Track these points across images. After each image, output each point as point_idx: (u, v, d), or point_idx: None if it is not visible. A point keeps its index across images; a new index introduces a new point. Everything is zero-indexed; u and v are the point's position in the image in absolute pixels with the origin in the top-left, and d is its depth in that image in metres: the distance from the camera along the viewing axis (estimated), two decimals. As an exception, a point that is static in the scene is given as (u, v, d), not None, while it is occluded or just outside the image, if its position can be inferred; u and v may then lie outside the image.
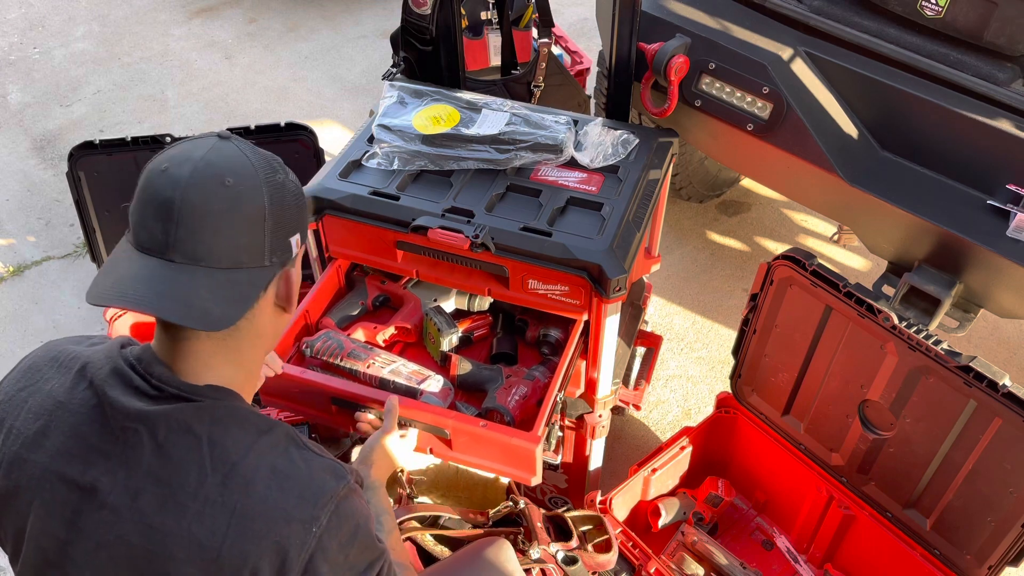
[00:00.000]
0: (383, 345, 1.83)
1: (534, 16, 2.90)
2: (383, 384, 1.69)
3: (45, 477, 0.98)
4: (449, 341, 1.79)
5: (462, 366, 1.73)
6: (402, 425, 1.58)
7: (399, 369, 1.70)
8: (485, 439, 1.55)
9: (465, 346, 1.85)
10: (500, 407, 1.65)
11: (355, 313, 1.87)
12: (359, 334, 1.82)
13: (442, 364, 1.80)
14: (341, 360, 1.71)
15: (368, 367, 1.69)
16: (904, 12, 1.99)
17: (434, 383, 1.67)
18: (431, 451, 1.64)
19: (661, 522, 2.03)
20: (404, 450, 1.55)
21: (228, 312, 0.97)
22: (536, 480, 1.60)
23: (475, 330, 1.86)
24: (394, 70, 2.21)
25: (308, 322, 1.82)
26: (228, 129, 2.41)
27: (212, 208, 0.95)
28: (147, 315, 1.01)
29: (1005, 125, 1.82)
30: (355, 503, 1.04)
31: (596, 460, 2.05)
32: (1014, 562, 1.65)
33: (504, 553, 1.55)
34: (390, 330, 1.83)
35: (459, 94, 1.91)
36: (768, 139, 2.11)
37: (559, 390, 1.64)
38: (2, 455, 1.01)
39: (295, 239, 1.05)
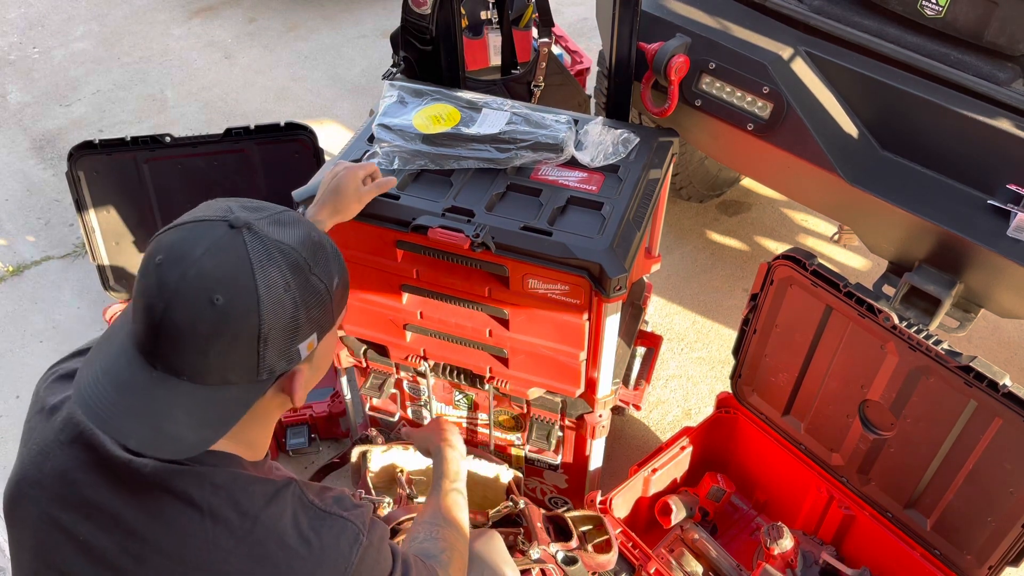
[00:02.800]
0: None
1: (534, 16, 2.90)
2: None
3: (42, 519, 0.95)
4: None
5: None
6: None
7: None
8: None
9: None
10: None
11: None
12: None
13: None
14: None
15: None
16: (904, 12, 1.99)
17: None
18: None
19: (674, 518, 2.03)
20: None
21: (205, 436, 0.89)
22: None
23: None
24: (394, 70, 2.20)
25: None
26: (228, 129, 2.43)
27: (196, 329, 0.85)
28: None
29: (1005, 125, 1.82)
30: (369, 564, 1.02)
31: (596, 460, 2.05)
32: (1014, 562, 1.65)
33: (493, 544, 1.55)
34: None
35: (459, 93, 1.91)
36: (768, 139, 2.11)
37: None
38: (12, 483, 0.99)
39: (305, 344, 0.94)
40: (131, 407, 0.87)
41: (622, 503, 2.00)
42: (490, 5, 2.69)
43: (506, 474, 1.92)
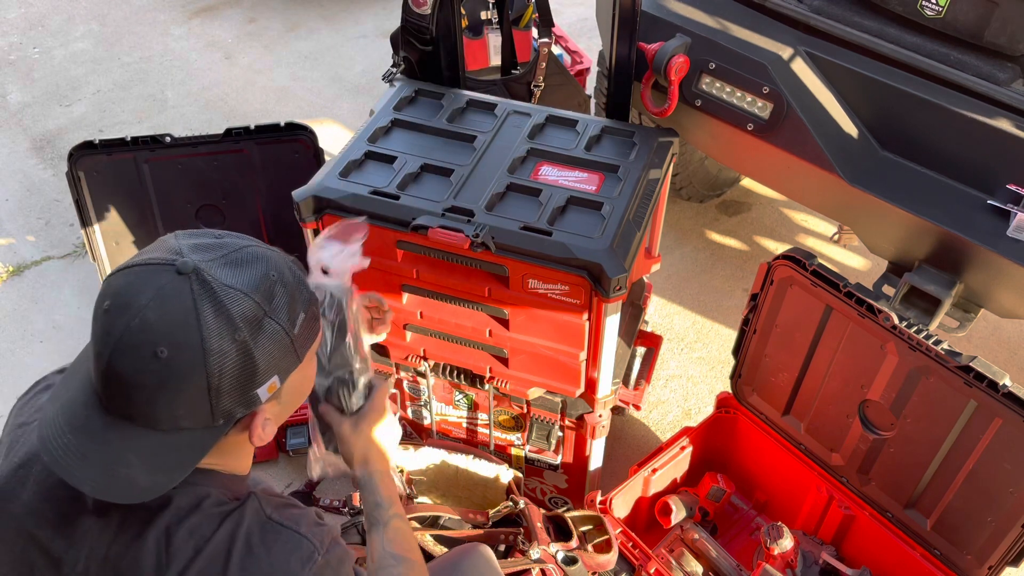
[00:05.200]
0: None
1: (534, 16, 2.90)
2: None
3: (20, 535, 0.95)
4: None
5: None
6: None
7: None
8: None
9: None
10: None
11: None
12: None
13: None
14: None
15: None
16: (904, 12, 1.99)
17: None
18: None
19: (674, 518, 2.03)
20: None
21: (159, 481, 0.88)
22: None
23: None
24: (394, 70, 2.20)
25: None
26: (228, 129, 2.43)
27: (139, 381, 0.84)
28: None
29: (1005, 125, 1.82)
30: None
31: (596, 460, 2.05)
32: (1014, 562, 1.65)
33: (481, 560, 1.50)
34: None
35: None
36: (768, 139, 2.11)
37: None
38: None
39: (265, 387, 0.90)
40: (85, 450, 0.86)
41: (622, 503, 2.00)
42: (490, 5, 2.69)
43: (506, 474, 1.92)
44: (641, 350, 2.24)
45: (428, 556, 1.64)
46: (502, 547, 1.74)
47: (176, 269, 0.85)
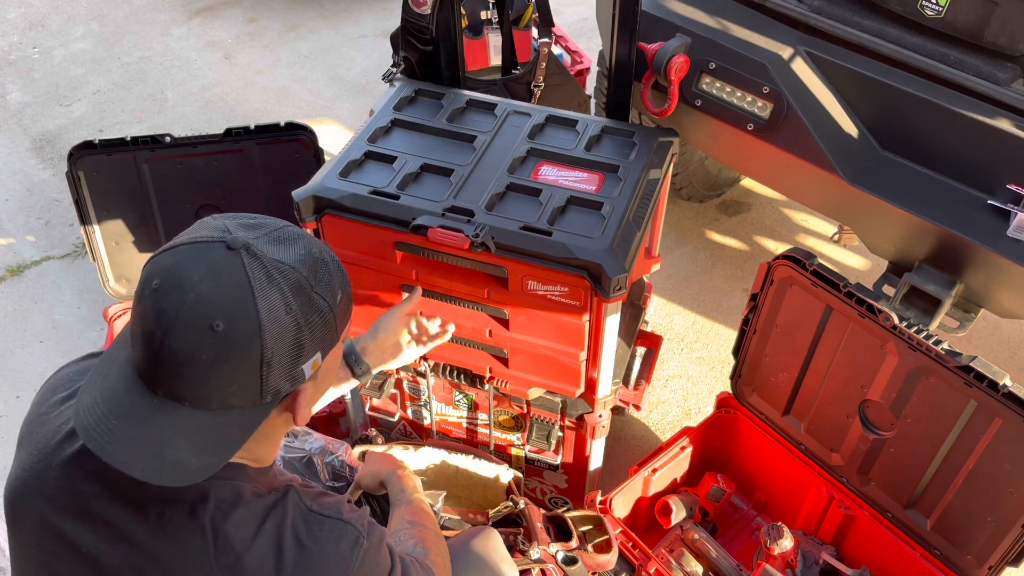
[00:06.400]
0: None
1: (534, 16, 2.90)
2: None
3: (45, 528, 0.95)
4: None
5: None
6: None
7: None
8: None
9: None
10: None
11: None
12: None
13: None
14: None
15: None
16: (904, 12, 1.99)
17: None
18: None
19: (674, 518, 2.03)
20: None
21: (209, 462, 0.88)
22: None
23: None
24: (394, 70, 2.20)
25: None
26: (228, 129, 2.43)
27: (197, 357, 0.84)
28: None
29: (1005, 125, 1.82)
30: (370, 565, 1.02)
31: (596, 460, 2.05)
32: (1014, 562, 1.65)
33: (492, 541, 1.54)
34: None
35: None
36: (768, 139, 2.11)
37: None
38: (13, 486, 0.98)
39: (309, 364, 0.92)
40: (132, 435, 0.86)
41: (622, 503, 2.00)
42: (490, 5, 2.69)
43: (506, 474, 1.92)
44: (641, 350, 2.24)
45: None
46: (502, 547, 1.74)
47: (227, 245, 0.86)
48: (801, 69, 2.05)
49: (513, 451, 2.11)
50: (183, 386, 0.86)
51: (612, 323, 1.70)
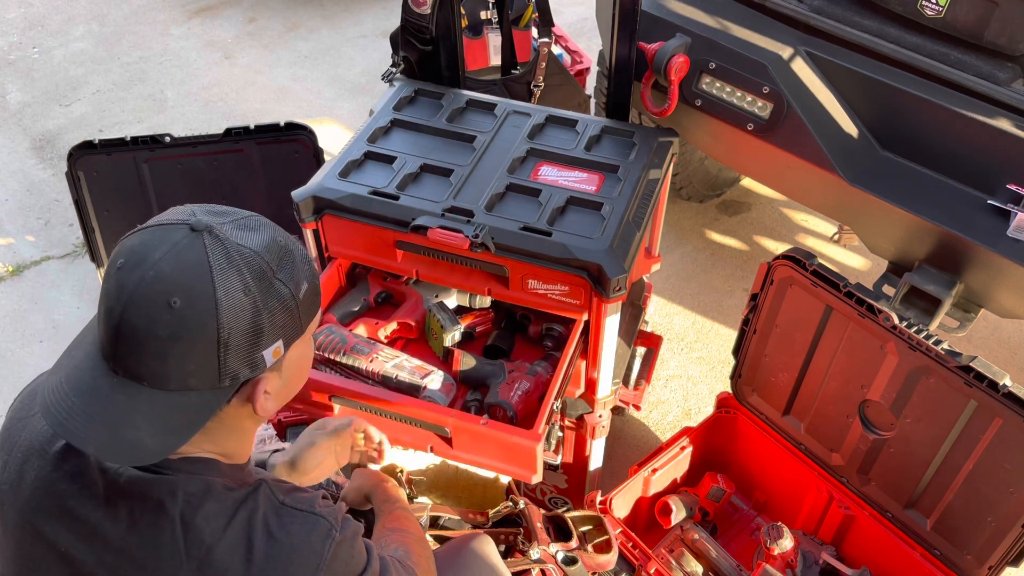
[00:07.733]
0: (385, 341, 1.83)
1: (534, 16, 2.90)
2: (386, 380, 1.69)
3: (25, 529, 0.95)
4: (452, 337, 1.79)
5: (465, 361, 1.73)
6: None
7: (402, 364, 1.69)
8: (485, 437, 1.55)
9: (467, 341, 1.85)
10: (503, 402, 1.65)
11: (356, 309, 1.87)
12: (361, 330, 1.82)
13: (444, 360, 1.80)
14: (344, 355, 1.70)
15: (371, 362, 1.69)
16: (904, 12, 1.99)
17: (436, 379, 1.67)
18: (432, 449, 1.63)
19: (674, 518, 2.03)
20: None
21: (165, 442, 0.89)
22: (537, 478, 1.60)
23: (477, 326, 1.86)
24: (394, 70, 2.20)
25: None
26: (228, 129, 2.43)
27: (153, 333, 0.85)
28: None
29: (1005, 125, 1.82)
30: (343, 559, 1.01)
31: (596, 460, 2.05)
32: (1014, 562, 1.65)
33: (485, 547, 1.53)
34: (392, 326, 1.83)
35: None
36: (768, 139, 2.11)
37: (559, 389, 1.64)
38: None
39: (270, 351, 0.92)
40: (91, 412, 0.87)
41: (622, 503, 2.00)
42: (490, 5, 2.69)
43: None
44: (641, 350, 2.24)
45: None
46: (502, 547, 1.74)
47: (191, 227, 0.88)
48: (801, 69, 2.05)
49: (513, 451, 2.11)
50: (142, 364, 0.87)
51: (612, 323, 1.70)
